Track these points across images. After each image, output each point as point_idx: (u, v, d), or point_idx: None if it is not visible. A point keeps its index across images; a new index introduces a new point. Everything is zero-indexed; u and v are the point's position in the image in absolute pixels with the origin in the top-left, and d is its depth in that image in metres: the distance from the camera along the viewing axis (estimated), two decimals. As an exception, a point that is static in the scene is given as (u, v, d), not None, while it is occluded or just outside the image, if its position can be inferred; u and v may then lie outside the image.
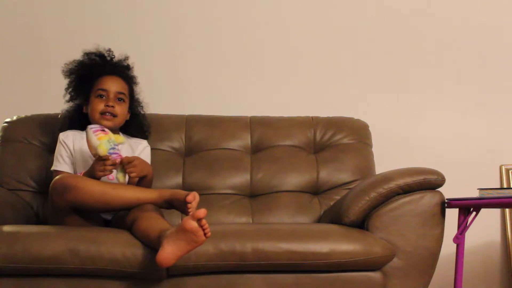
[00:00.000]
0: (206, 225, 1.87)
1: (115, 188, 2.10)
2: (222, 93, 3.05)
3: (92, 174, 2.17)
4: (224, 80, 3.07)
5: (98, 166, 2.16)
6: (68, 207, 2.07)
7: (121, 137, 2.26)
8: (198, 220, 1.85)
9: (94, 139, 2.16)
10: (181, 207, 2.12)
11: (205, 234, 1.86)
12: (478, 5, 3.10)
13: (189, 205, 2.07)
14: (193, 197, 2.08)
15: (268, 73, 3.09)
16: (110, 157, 2.15)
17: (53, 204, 2.10)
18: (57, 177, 2.11)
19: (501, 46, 3.09)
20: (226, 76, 3.07)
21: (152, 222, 2.01)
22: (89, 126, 2.23)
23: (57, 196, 2.07)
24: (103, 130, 2.20)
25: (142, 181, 2.27)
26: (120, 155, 2.18)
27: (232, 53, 3.08)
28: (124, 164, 2.18)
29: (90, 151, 2.21)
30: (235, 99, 3.03)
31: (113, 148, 2.16)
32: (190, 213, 2.02)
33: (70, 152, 2.37)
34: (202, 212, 1.85)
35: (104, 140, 2.15)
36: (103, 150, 2.14)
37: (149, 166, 2.32)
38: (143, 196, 2.12)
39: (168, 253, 1.84)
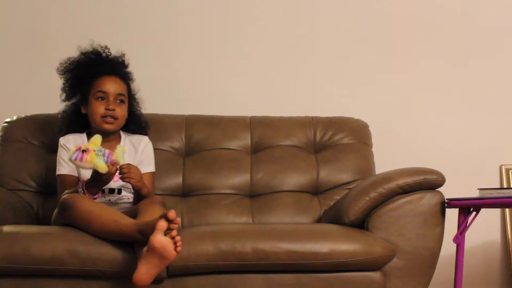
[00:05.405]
0: (178, 238, 1.84)
1: (100, 208, 2.05)
2: (222, 93, 3.05)
3: (97, 181, 2.13)
4: (224, 80, 3.07)
5: (106, 177, 2.10)
6: (72, 225, 2.06)
7: (95, 137, 2.11)
8: (169, 222, 1.82)
9: (86, 165, 2.05)
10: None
11: (175, 248, 1.83)
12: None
13: (171, 225, 1.85)
14: (174, 215, 1.86)
15: (268, 73, 3.08)
16: (111, 165, 2.08)
17: (62, 220, 2.12)
18: (63, 195, 2.12)
19: (502, 47, 3.09)
20: (226, 76, 3.07)
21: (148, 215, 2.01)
22: (70, 159, 2.06)
23: (61, 215, 2.09)
24: (83, 151, 2.05)
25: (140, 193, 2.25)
26: (110, 152, 2.10)
27: (232, 53, 3.08)
28: (121, 171, 2.14)
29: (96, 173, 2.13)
30: (235, 99, 3.03)
31: (103, 154, 2.08)
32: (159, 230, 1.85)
33: None
34: (172, 213, 1.83)
35: (94, 159, 2.05)
36: (102, 167, 2.06)
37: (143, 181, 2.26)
38: (120, 220, 2.00)
39: (143, 273, 1.85)
